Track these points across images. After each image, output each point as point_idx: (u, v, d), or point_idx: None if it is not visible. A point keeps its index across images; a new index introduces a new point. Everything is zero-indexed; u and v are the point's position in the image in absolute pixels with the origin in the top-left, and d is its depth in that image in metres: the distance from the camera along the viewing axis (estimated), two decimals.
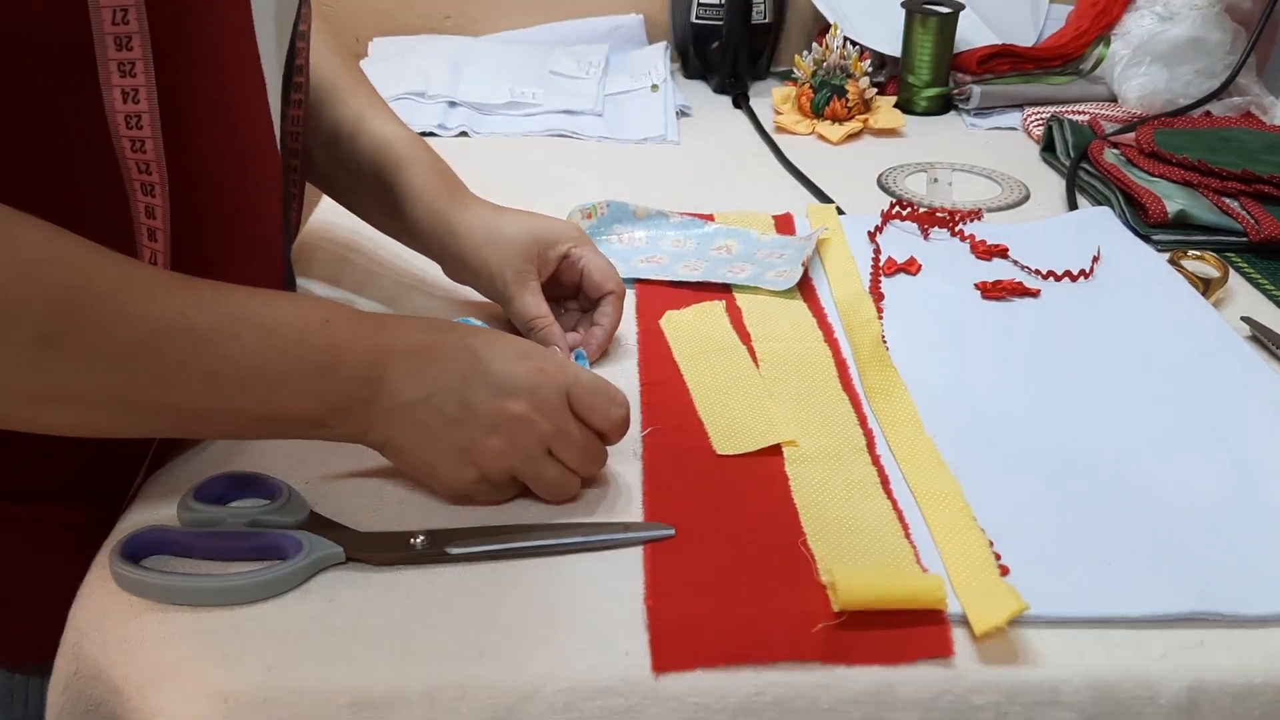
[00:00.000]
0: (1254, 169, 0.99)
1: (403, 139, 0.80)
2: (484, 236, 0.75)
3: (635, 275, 0.86)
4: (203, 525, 0.58)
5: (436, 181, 0.78)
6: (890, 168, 1.13)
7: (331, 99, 0.80)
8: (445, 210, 0.77)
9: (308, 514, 0.59)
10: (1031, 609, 0.52)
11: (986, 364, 0.76)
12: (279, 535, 0.56)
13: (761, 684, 0.50)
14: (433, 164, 0.79)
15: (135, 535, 0.56)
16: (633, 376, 0.74)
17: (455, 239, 0.76)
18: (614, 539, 0.59)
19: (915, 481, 0.63)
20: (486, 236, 0.75)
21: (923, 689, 0.51)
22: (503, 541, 0.58)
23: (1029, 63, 1.30)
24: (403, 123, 0.82)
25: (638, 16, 1.47)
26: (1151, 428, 0.69)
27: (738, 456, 0.65)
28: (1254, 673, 0.52)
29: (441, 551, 0.57)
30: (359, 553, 0.56)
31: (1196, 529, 0.60)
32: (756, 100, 1.32)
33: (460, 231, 0.76)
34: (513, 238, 0.75)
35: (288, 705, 0.49)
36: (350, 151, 0.80)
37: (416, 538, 0.57)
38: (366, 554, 0.57)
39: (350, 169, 0.81)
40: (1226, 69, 1.22)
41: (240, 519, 0.58)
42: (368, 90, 0.83)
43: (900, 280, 0.88)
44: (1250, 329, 0.81)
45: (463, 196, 0.78)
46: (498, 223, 0.76)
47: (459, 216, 0.76)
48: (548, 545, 0.58)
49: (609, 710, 0.50)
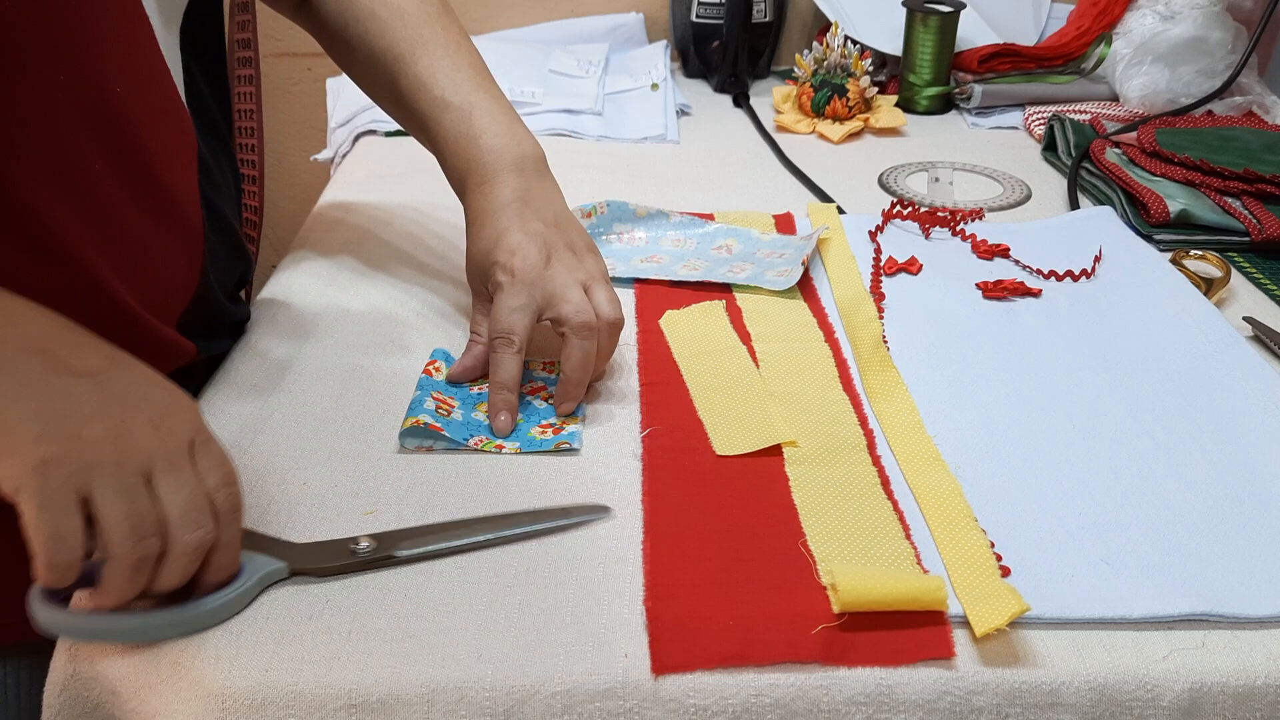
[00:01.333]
0: (1256, 168, 0.99)
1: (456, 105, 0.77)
2: (470, 244, 0.74)
3: (635, 275, 0.86)
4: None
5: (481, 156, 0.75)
6: (891, 167, 1.12)
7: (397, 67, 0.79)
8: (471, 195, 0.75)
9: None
10: (1032, 610, 0.52)
11: (987, 364, 0.76)
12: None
13: (761, 685, 0.50)
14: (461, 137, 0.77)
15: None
16: (633, 376, 0.74)
17: (470, 227, 0.75)
18: (555, 525, 0.59)
19: (916, 482, 0.63)
20: (470, 245, 0.74)
21: (923, 690, 0.51)
22: (450, 539, 0.57)
23: (1030, 62, 1.30)
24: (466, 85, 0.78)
25: (638, 15, 1.47)
26: (1152, 428, 0.69)
27: (738, 456, 0.65)
28: (1255, 674, 0.51)
29: (389, 555, 0.56)
30: (303, 564, 0.55)
31: (1197, 530, 0.60)
32: (757, 99, 1.32)
33: (473, 223, 0.75)
34: (473, 256, 0.74)
35: (285, 706, 0.49)
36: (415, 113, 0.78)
37: (359, 543, 0.56)
38: (311, 565, 0.55)
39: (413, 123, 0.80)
40: (1228, 68, 1.21)
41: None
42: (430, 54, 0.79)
43: (901, 280, 0.88)
44: (1252, 329, 0.81)
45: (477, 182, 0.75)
46: (472, 234, 0.74)
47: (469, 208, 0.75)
48: (495, 538, 0.57)
49: (608, 712, 0.50)
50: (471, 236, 0.74)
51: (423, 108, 0.77)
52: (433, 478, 0.63)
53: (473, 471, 0.64)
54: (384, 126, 1.20)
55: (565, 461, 0.65)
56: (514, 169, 0.75)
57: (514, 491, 0.62)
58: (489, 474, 0.64)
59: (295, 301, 0.82)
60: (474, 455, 0.65)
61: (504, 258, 0.71)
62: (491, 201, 0.74)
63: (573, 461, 0.65)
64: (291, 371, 0.73)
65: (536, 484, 0.63)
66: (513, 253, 0.71)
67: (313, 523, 0.59)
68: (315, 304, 0.82)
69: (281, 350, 0.76)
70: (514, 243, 0.71)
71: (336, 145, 1.22)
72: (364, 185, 1.06)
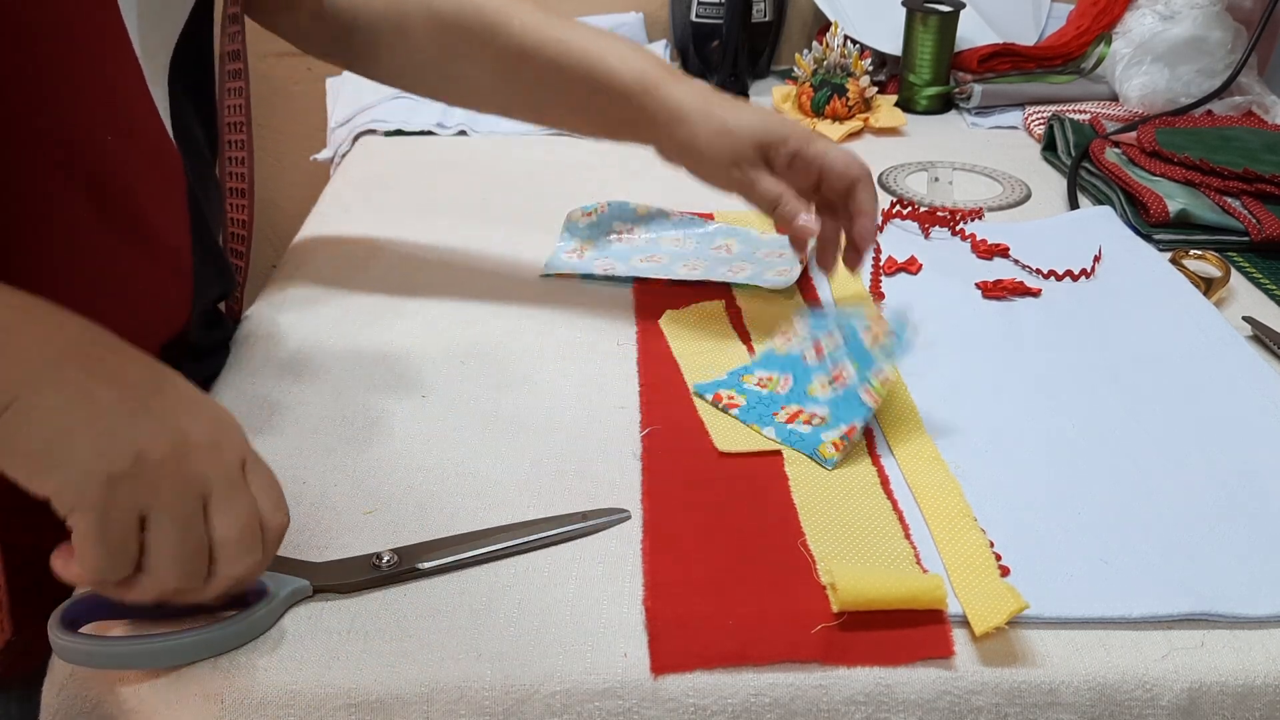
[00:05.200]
0: (1255, 168, 0.99)
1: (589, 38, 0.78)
2: (715, 126, 0.74)
3: (635, 274, 0.86)
4: None
5: (643, 62, 0.77)
6: (891, 167, 1.12)
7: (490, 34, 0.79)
8: (662, 94, 0.75)
9: None
10: (1031, 609, 0.52)
11: (987, 364, 0.76)
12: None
13: (761, 685, 0.50)
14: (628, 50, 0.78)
15: (76, 601, 0.51)
16: (633, 376, 0.74)
17: (682, 125, 0.75)
18: (575, 529, 0.59)
19: (915, 481, 0.63)
20: (718, 127, 0.74)
21: (922, 690, 0.51)
22: (472, 549, 0.57)
23: (1030, 62, 1.30)
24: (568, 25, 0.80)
25: (637, 15, 1.46)
26: (1152, 427, 0.69)
27: (738, 457, 0.65)
28: (1254, 674, 0.51)
29: (413, 568, 0.56)
30: (326, 582, 0.55)
31: (1197, 529, 0.60)
32: (757, 99, 1.32)
33: (688, 118, 0.74)
34: (743, 130, 0.74)
35: (284, 706, 0.49)
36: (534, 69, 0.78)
37: (382, 558, 0.56)
38: (334, 582, 0.55)
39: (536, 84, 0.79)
40: (1227, 68, 1.21)
41: None
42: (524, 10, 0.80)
43: (901, 280, 0.88)
44: (1251, 329, 0.81)
45: (674, 76, 0.77)
46: (724, 115, 0.74)
47: (678, 101, 0.75)
48: (515, 545, 0.57)
49: (607, 712, 0.50)
50: (709, 120, 0.74)
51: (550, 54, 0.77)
52: (432, 477, 0.63)
53: (472, 471, 0.64)
54: (384, 126, 1.20)
55: (565, 461, 0.65)
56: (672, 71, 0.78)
57: (513, 491, 0.62)
58: (488, 474, 0.64)
59: (294, 301, 0.82)
60: (470, 454, 0.65)
61: (790, 125, 0.75)
62: (700, 91, 0.76)
63: (572, 462, 0.65)
64: (291, 371, 0.73)
65: (536, 483, 0.63)
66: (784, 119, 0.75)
67: (313, 522, 0.59)
68: (315, 303, 0.82)
69: (281, 349, 0.76)
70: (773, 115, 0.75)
71: (336, 145, 1.22)
72: (364, 185, 1.06)
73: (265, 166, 1.58)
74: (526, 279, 0.86)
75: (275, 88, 1.52)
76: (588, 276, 0.87)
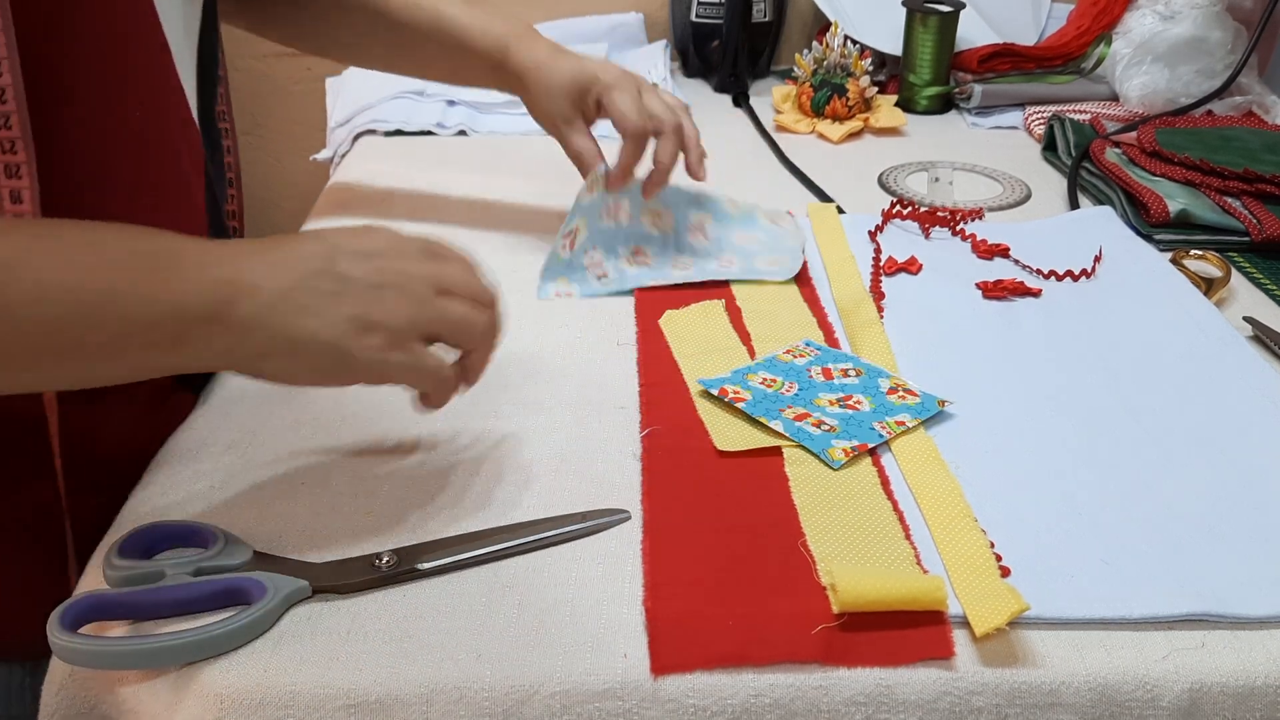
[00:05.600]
0: (1256, 168, 0.99)
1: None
2: (544, 83, 0.83)
3: (629, 285, 0.85)
4: (137, 582, 0.53)
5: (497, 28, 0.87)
6: (891, 167, 1.12)
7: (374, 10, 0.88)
8: (513, 58, 0.85)
9: (251, 554, 0.56)
10: (1032, 610, 0.52)
11: (987, 364, 0.76)
12: (238, 578, 0.53)
13: (761, 686, 0.50)
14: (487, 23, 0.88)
15: (76, 601, 0.51)
16: (632, 376, 0.73)
17: (522, 85, 0.85)
18: (575, 529, 0.59)
19: (915, 482, 0.63)
20: (546, 84, 0.83)
21: (923, 690, 0.51)
22: (472, 549, 0.57)
23: (1030, 62, 1.30)
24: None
25: (637, 15, 1.46)
26: (1152, 427, 0.69)
27: (738, 457, 0.65)
28: (1255, 674, 0.51)
29: (412, 568, 0.56)
30: (325, 582, 0.54)
31: (1197, 529, 0.60)
32: (756, 99, 1.32)
33: (527, 80, 0.85)
34: (559, 84, 0.82)
35: (283, 706, 0.49)
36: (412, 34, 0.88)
37: (381, 558, 0.56)
38: (334, 582, 0.55)
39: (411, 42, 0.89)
40: (1228, 68, 1.21)
41: (182, 569, 0.54)
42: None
43: (901, 280, 0.88)
44: (1252, 329, 0.81)
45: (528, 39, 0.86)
46: (551, 66, 0.83)
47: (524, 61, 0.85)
48: (514, 546, 0.57)
49: (607, 713, 0.50)
50: (541, 79, 0.84)
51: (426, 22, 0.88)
52: (432, 477, 0.63)
53: (472, 471, 0.64)
54: (383, 126, 1.20)
55: (564, 461, 0.65)
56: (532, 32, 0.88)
57: (512, 490, 0.62)
58: (488, 474, 0.64)
59: None
60: (470, 454, 0.65)
61: (602, 69, 0.83)
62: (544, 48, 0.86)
63: (572, 461, 0.65)
64: None
65: (535, 483, 0.63)
66: (601, 68, 0.83)
67: (313, 522, 0.59)
68: None
69: None
70: (594, 64, 0.84)
71: (336, 145, 1.22)
72: (363, 185, 1.06)
73: (265, 166, 1.58)
74: (526, 279, 0.86)
75: (275, 87, 1.52)
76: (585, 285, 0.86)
